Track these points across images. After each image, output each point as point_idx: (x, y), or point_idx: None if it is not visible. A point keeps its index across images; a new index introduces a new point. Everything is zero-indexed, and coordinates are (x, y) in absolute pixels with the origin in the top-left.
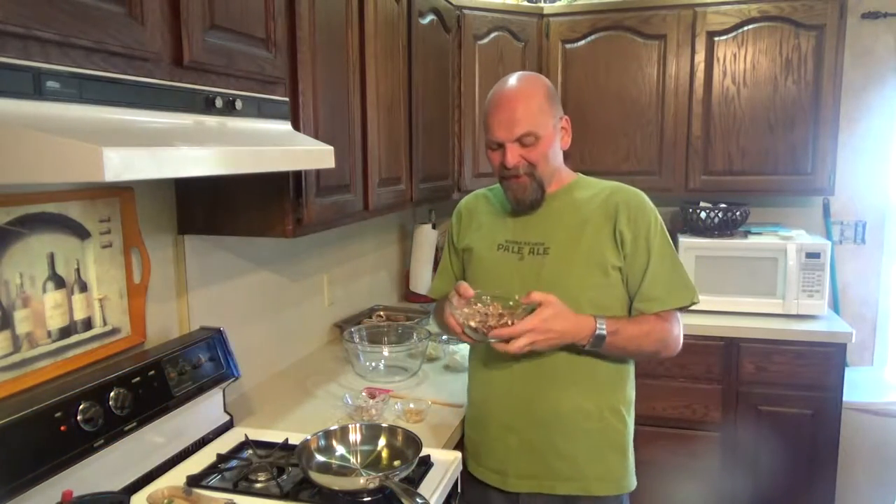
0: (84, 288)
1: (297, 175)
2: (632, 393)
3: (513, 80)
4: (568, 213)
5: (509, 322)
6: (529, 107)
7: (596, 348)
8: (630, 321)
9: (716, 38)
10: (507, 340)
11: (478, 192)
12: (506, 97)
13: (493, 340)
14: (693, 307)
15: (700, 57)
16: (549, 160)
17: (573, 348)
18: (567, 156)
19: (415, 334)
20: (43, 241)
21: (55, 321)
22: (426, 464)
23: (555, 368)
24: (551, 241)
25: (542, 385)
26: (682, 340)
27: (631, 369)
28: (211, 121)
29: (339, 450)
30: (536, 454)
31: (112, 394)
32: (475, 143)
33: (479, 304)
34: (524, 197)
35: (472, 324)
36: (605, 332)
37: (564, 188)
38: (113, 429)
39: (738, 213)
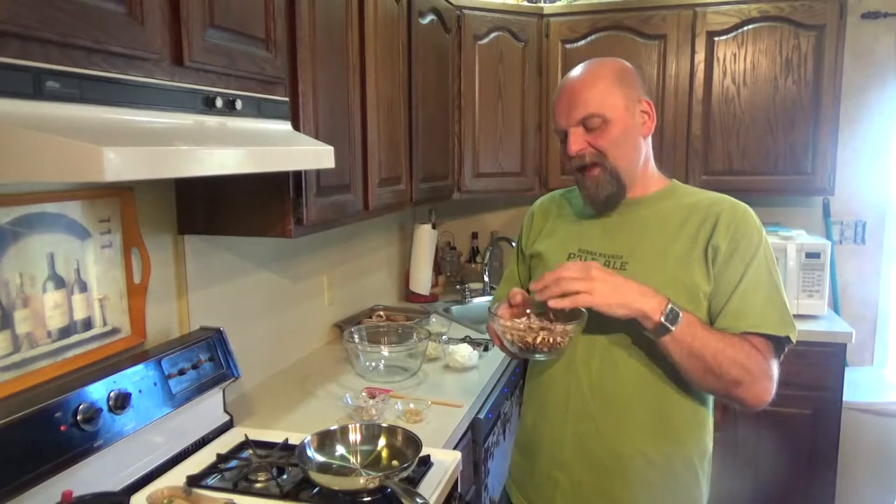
0: (84, 288)
1: (297, 175)
2: (710, 444)
3: (579, 66)
4: (655, 223)
5: (550, 340)
6: (594, 88)
7: (660, 335)
8: (712, 329)
9: (716, 38)
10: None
11: (554, 192)
12: (569, 83)
13: (539, 356)
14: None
15: (700, 57)
16: (621, 147)
17: (636, 345)
18: None
19: (415, 334)
20: (43, 241)
21: (55, 321)
22: (426, 464)
23: (620, 400)
24: (631, 255)
25: (604, 420)
26: (774, 388)
27: (710, 414)
28: (211, 121)
29: (339, 450)
30: (589, 499)
31: (112, 394)
32: (475, 143)
33: (524, 319)
34: (598, 192)
35: (509, 337)
36: (672, 324)
37: (654, 194)
38: (113, 429)
39: None
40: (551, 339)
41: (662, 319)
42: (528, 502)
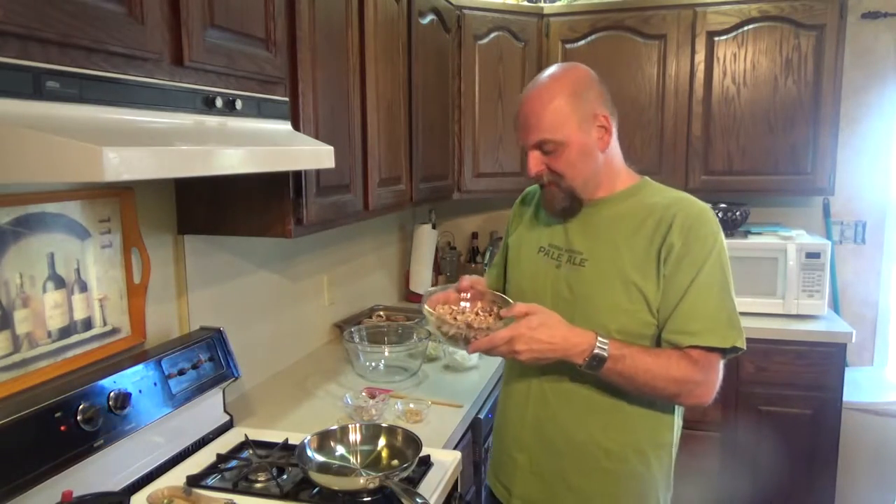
0: (84, 288)
1: (297, 175)
2: (670, 437)
3: (540, 77)
4: (615, 222)
5: (463, 334)
6: (547, 111)
7: (593, 371)
8: (646, 351)
9: (716, 38)
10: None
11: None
12: (525, 98)
13: (456, 348)
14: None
15: (700, 57)
16: (577, 167)
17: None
18: None
19: (415, 334)
20: (43, 241)
21: (55, 321)
22: (426, 464)
23: (576, 390)
24: (591, 253)
25: (559, 408)
26: (714, 392)
27: (672, 410)
28: (211, 121)
29: (339, 450)
30: (543, 480)
31: (112, 394)
32: (475, 143)
33: (452, 307)
34: (554, 206)
35: (431, 323)
36: (605, 353)
37: (619, 194)
38: (113, 429)
39: (738, 213)
40: (464, 335)
41: (584, 366)
42: (497, 481)
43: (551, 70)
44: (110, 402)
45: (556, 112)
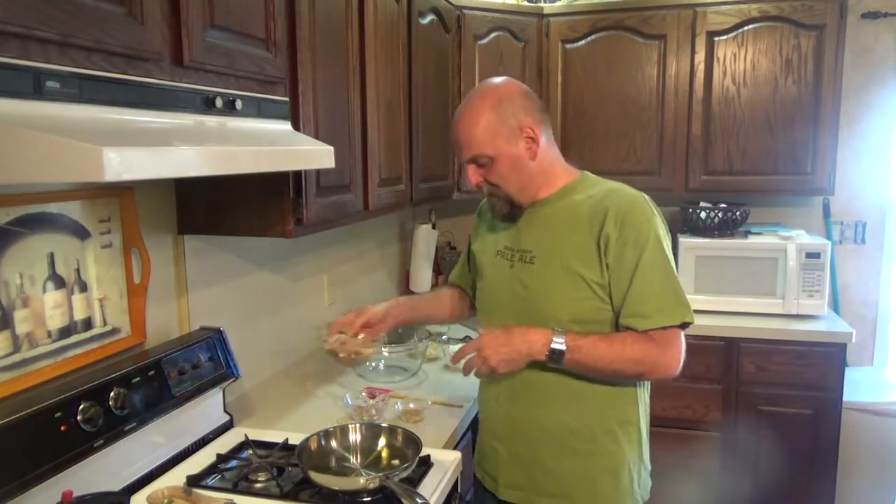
0: (84, 288)
1: (297, 175)
2: (635, 412)
3: (469, 95)
4: (557, 219)
5: (341, 354)
6: (475, 129)
7: (557, 364)
8: (602, 338)
9: (716, 38)
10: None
11: None
12: (457, 117)
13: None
14: (695, 310)
15: (700, 57)
16: (509, 178)
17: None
18: (567, 156)
19: (415, 334)
20: (43, 241)
21: (55, 321)
22: (426, 464)
23: (540, 380)
24: (538, 250)
25: (526, 400)
26: (678, 363)
27: (633, 386)
28: (211, 121)
29: (339, 450)
30: (523, 467)
31: (112, 394)
32: None
33: (342, 336)
34: (498, 212)
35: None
36: (562, 347)
37: (558, 192)
38: (113, 429)
39: (738, 213)
40: (341, 354)
41: (548, 361)
42: (483, 471)
43: (479, 88)
44: (110, 402)
45: (484, 129)
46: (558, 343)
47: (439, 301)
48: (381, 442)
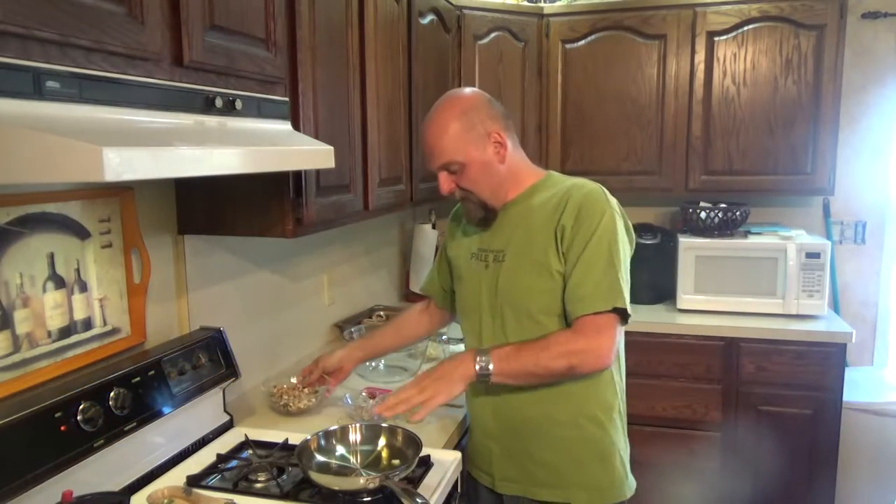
0: (84, 288)
1: (297, 175)
2: (614, 398)
3: (436, 105)
4: (524, 217)
5: (294, 404)
6: (443, 138)
7: (488, 378)
8: (527, 342)
9: (716, 38)
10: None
11: None
12: (425, 128)
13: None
14: (695, 310)
15: (700, 57)
16: (480, 182)
17: None
18: (567, 156)
19: None
20: (43, 241)
21: (55, 321)
22: (426, 464)
23: None
24: (508, 248)
25: (511, 395)
26: (610, 351)
27: (610, 373)
28: (211, 121)
29: (339, 450)
30: (516, 461)
31: (112, 394)
32: None
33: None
34: (472, 216)
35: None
36: (486, 360)
37: (525, 192)
38: (113, 429)
39: (738, 213)
40: (293, 405)
41: (481, 379)
42: (479, 469)
43: (444, 99)
44: (110, 402)
45: (453, 137)
46: (482, 359)
47: (398, 329)
48: (381, 442)
